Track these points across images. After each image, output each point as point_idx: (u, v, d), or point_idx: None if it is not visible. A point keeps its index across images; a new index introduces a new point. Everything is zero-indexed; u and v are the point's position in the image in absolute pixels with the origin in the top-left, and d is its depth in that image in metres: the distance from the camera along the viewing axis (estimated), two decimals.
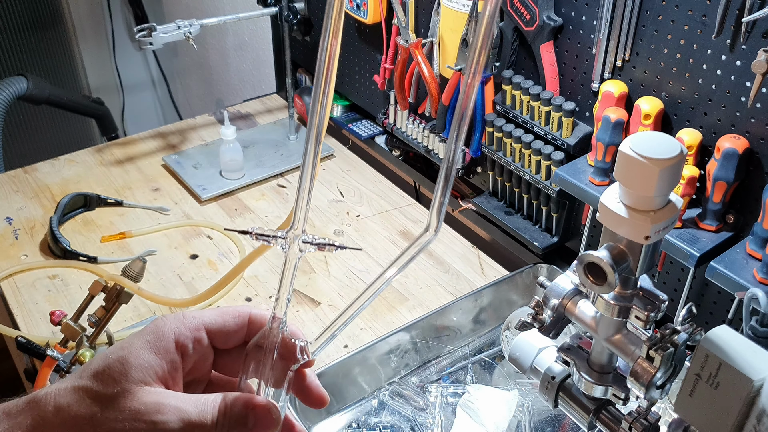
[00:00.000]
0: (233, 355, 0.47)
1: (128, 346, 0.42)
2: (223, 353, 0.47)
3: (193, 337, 0.44)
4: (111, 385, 0.40)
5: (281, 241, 0.46)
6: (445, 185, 0.39)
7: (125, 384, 0.40)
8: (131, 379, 0.40)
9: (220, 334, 0.46)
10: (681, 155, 0.51)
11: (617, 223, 0.54)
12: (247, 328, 0.47)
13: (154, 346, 0.42)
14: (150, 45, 1.31)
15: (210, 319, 0.46)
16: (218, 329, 0.46)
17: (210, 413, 0.42)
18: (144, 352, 0.42)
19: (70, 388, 0.41)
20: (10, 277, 1.19)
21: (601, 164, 0.95)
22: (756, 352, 0.53)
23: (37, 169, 1.48)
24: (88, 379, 0.41)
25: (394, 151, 1.46)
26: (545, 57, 1.03)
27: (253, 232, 0.46)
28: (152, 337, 0.43)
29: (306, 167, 0.44)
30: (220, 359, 0.47)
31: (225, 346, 0.47)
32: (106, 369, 0.41)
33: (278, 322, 0.46)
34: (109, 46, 2.69)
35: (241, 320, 0.47)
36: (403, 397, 1.01)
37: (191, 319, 0.45)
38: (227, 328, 0.46)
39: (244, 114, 1.70)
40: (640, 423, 0.60)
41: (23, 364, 1.18)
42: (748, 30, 0.79)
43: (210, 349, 0.46)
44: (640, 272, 0.55)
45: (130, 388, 0.40)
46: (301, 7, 1.52)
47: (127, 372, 0.41)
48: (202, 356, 0.46)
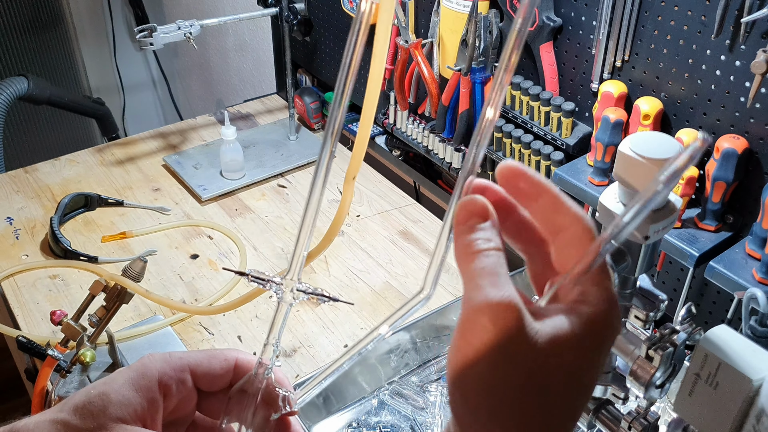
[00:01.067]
0: (218, 397, 0.47)
1: (111, 381, 0.42)
2: (207, 395, 0.47)
3: (178, 378, 0.44)
4: (89, 419, 0.40)
5: (275, 287, 0.46)
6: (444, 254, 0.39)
7: (103, 420, 0.40)
8: (109, 416, 0.40)
9: (206, 377, 0.46)
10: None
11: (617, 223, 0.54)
12: (233, 372, 0.47)
13: (136, 383, 0.42)
14: (150, 45, 1.31)
15: (196, 361, 0.45)
16: (204, 372, 0.45)
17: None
18: (125, 389, 0.42)
19: (49, 421, 0.40)
20: (10, 277, 1.19)
21: (601, 164, 0.95)
22: (755, 351, 0.53)
23: (37, 169, 1.48)
24: (67, 412, 0.41)
25: (394, 151, 1.46)
26: (545, 57, 1.03)
27: (249, 275, 0.46)
28: (136, 375, 0.43)
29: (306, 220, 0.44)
30: (205, 401, 0.47)
31: (210, 388, 0.46)
32: (86, 403, 0.41)
33: (264, 368, 0.46)
34: (110, 47, 2.69)
35: (227, 364, 0.46)
36: (403, 397, 1.01)
37: (177, 360, 0.45)
38: (213, 371, 0.46)
39: (244, 114, 1.70)
40: (640, 422, 0.60)
41: (24, 363, 1.19)
42: (747, 30, 0.80)
43: (194, 390, 0.46)
44: (639, 272, 0.56)
45: (107, 424, 0.40)
46: (301, 7, 1.52)
47: (106, 408, 0.41)
48: (186, 397, 0.45)
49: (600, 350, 0.35)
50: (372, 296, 1.17)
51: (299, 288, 0.46)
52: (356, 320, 1.12)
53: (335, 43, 1.51)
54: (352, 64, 0.40)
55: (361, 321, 1.12)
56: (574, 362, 0.34)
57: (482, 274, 0.35)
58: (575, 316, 0.34)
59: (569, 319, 0.34)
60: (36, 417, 0.41)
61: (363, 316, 1.13)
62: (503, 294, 0.34)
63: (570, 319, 0.34)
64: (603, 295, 0.34)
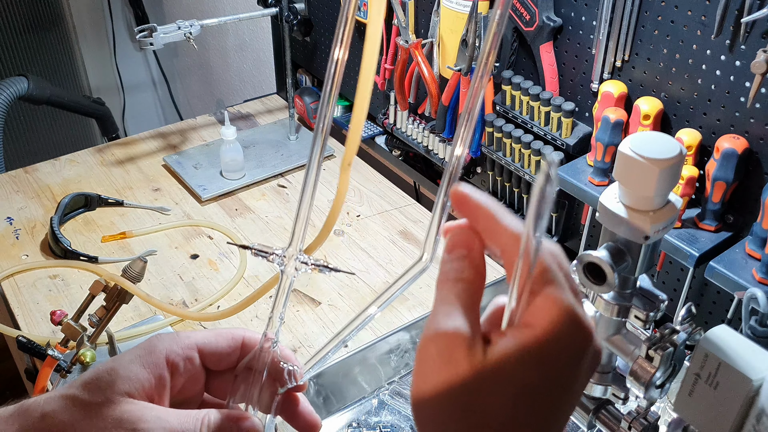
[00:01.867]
0: (226, 377, 0.47)
1: (119, 358, 0.43)
2: (216, 375, 0.47)
3: (185, 356, 0.45)
4: (97, 394, 0.41)
5: (278, 259, 0.46)
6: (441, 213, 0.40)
7: (110, 394, 0.41)
8: (117, 390, 0.41)
9: (213, 355, 0.46)
10: (680, 155, 0.51)
11: (617, 223, 0.54)
12: (241, 350, 0.47)
13: (144, 360, 0.43)
14: (150, 45, 1.31)
15: (203, 340, 0.46)
16: (211, 350, 0.46)
17: (192, 425, 0.42)
18: (133, 365, 0.43)
19: (58, 396, 0.41)
20: (10, 277, 1.19)
21: (601, 164, 0.95)
22: (755, 351, 0.53)
23: (37, 169, 1.49)
24: (76, 388, 0.42)
25: (394, 151, 1.46)
26: (545, 57, 1.03)
27: (253, 248, 0.46)
28: (143, 352, 0.43)
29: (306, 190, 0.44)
30: (213, 381, 0.47)
31: (217, 367, 0.47)
32: (94, 379, 0.42)
33: (269, 342, 0.46)
34: (110, 47, 2.69)
35: (234, 342, 0.47)
36: (403, 397, 1.01)
37: (184, 338, 0.45)
38: (220, 349, 0.46)
39: (244, 114, 1.70)
40: (640, 422, 0.60)
41: (24, 363, 1.19)
42: (747, 30, 0.80)
43: (201, 369, 0.46)
44: (639, 272, 0.56)
45: (115, 398, 0.41)
46: (301, 7, 1.52)
47: (114, 382, 0.41)
48: (193, 376, 0.46)
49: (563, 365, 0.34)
50: (372, 296, 1.17)
51: (301, 260, 0.46)
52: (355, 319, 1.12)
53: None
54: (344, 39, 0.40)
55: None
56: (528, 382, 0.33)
57: (442, 303, 0.36)
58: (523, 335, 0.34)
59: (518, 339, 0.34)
60: (47, 394, 0.42)
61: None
62: (450, 324, 0.35)
63: (518, 339, 0.33)
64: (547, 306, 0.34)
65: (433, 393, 0.34)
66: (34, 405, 0.41)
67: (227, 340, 0.47)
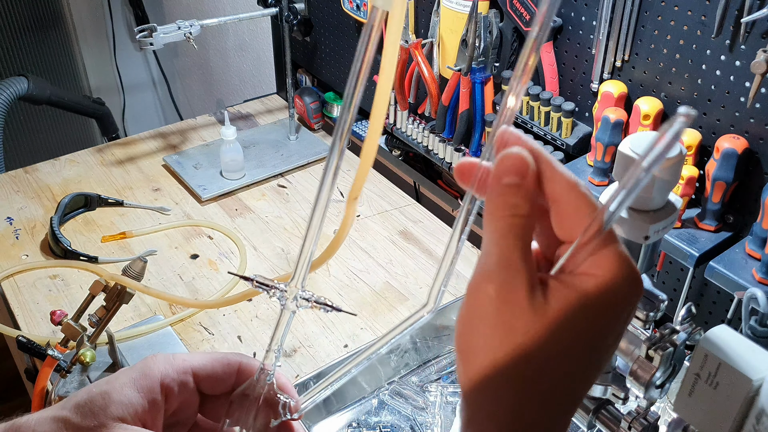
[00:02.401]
0: (221, 400, 0.47)
1: (113, 380, 0.43)
2: (210, 398, 0.47)
3: (180, 380, 0.44)
4: (89, 418, 0.40)
5: (279, 293, 0.46)
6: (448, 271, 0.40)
7: (103, 418, 0.40)
8: (109, 414, 0.41)
9: (208, 380, 0.46)
10: (680, 155, 0.51)
11: (616, 223, 0.54)
12: (236, 376, 0.47)
13: (138, 384, 0.42)
14: (150, 45, 1.31)
15: (199, 364, 0.45)
16: (207, 375, 0.46)
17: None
18: (127, 389, 0.42)
19: (51, 418, 0.41)
20: (10, 277, 1.19)
21: (601, 164, 0.95)
22: (755, 351, 0.53)
23: (37, 169, 1.49)
24: (69, 410, 0.41)
25: (394, 151, 1.46)
26: (545, 57, 1.03)
27: (254, 281, 0.46)
28: (138, 375, 0.43)
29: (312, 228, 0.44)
30: (207, 404, 0.47)
31: (212, 392, 0.47)
32: (87, 401, 0.41)
33: (266, 374, 0.46)
34: (110, 47, 2.69)
35: (230, 368, 0.46)
36: (403, 397, 1.01)
37: (180, 362, 0.45)
38: (216, 374, 0.46)
39: (244, 114, 1.70)
40: (640, 422, 0.60)
41: (24, 363, 1.19)
42: (747, 30, 0.80)
43: (196, 393, 0.46)
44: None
45: (107, 423, 0.40)
46: (301, 7, 1.52)
47: (107, 407, 0.41)
48: (187, 399, 0.46)
49: (617, 315, 0.35)
50: (372, 296, 1.17)
51: (302, 296, 0.46)
52: (356, 320, 1.12)
53: (335, 43, 1.51)
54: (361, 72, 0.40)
55: (361, 321, 1.12)
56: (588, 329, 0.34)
57: (498, 240, 0.35)
58: (586, 283, 0.34)
59: (579, 288, 0.34)
60: (37, 414, 0.41)
61: (363, 316, 1.13)
62: (509, 264, 0.34)
63: (580, 287, 0.34)
64: (612, 259, 0.34)
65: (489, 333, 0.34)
66: (25, 426, 0.40)
67: (223, 365, 0.46)
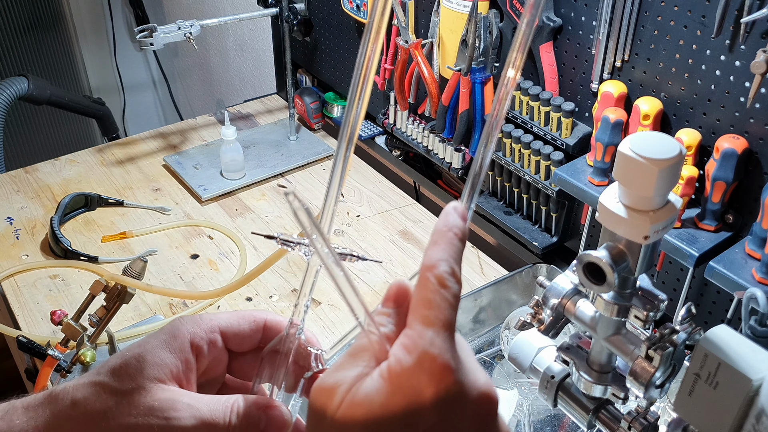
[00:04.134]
0: (248, 359, 0.48)
1: (145, 344, 0.43)
2: (237, 356, 0.48)
3: (208, 339, 0.45)
4: (126, 381, 0.41)
5: (304, 249, 0.46)
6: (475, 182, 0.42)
7: (140, 380, 0.41)
8: (146, 376, 0.41)
9: (235, 338, 0.47)
10: (680, 155, 0.51)
11: (616, 223, 0.54)
12: (263, 333, 0.48)
13: (169, 345, 0.43)
14: (151, 45, 1.31)
15: (226, 322, 0.46)
16: (233, 333, 0.46)
17: (222, 412, 0.42)
18: (160, 350, 0.43)
19: (88, 383, 0.41)
20: (11, 277, 1.19)
21: (601, 164, 0.95)
22: (755, 351, 0.53)
23: (38, 169, 1.49)
24: (105, 375, 0.42)
25: (394, 151, 1.46)
26: (545, 57, 1.03)
27: (279, 238, 0.46)
28: (168, 337, 0.44)
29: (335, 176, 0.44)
30: (235, 362, 0.48)
31: (239, 349, 0.47)
32: (122, 365, 0.42)
33: (295, 328, 0.47)
34: (110, 47, 2.69)
35: (256, 325, 0.47)
36: None
37: (207, 321, 0.46)
38: (242, 332, 0.47)
39: (244, 114, 1.70)
40: (640, 422, 0.60)
41: (24, 363, 1.19)
42: (747, 30, 0.80)
43: (224, 351, 0.47)
44: (639, 272, 0.55)
45: (145, 384, 0.41)
46: (301, 7, 1.52)
47: (143, 369, 0.41)
48: (217, 358, 0.46)
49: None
50: (372, 296, 1.17)
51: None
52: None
53: (335, 43, 1.51)
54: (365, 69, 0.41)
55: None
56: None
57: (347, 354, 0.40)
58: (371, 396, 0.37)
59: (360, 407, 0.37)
60: (74, 380, 0.42)
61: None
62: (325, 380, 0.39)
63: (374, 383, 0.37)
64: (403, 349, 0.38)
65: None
66: (64, 392, 0.41)
67: (249, 322, 0.47)
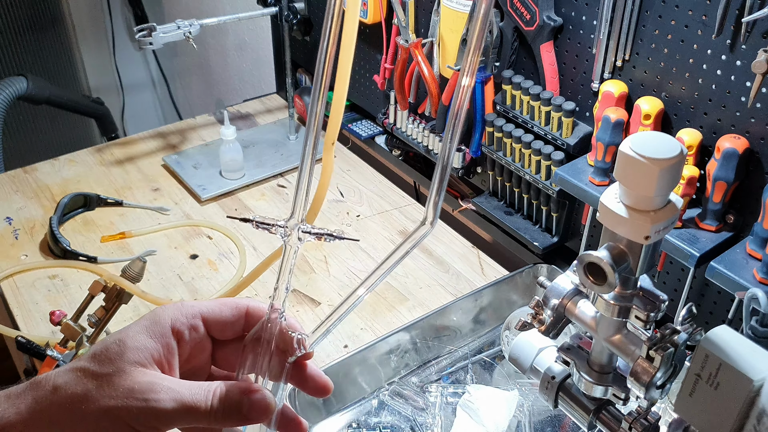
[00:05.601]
0: (232, 348, 0.48)
1: (126, 330, 0.44)
2: (222, 346, 0.48)
3: (190, 324, 0.46)
4: (107, 364, 0.42)
5: (281, 230, 0.46)
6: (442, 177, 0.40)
7: (120, 364, 0.42)
8: (127, 360, 0.42)
9: (217, 324, 0.47)
10: (681, 155, 0.51)
11: (617, 223, 0.54)
12: (245, 320, 0.48)
13: (150, 330, 0.44)
14: (150, 45, 1.31)
15: (207, 309, 0.47)
16: (215, 319, 0.47)
17: (203, 396, 0.43)
18: (140, 335, 0.43)
19: (69, 369, 0.42)
20: (10, 277, 1.19)
21: (601, 164, 0.95)
22: (756, 351, 0.53)
23: (37, 169, 1.48)
24: (86, 360, 0.42)
25: (394, 151, 1.46)
26: (545, 57, 1.03)
27: (254, 221, 0.47)
28: (149, 323, 0.44)
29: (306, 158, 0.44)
30: (219, 352, 0.48)
31: (222, 336, 0.48)
32: (103, 351, 0.43)
33: (277, 312, 0.47)
34: (109, 46, 2.69)
35: (238, 311, 0.48)
36: (403, 397, 1.01)
37: (188, 308, 0.46)
38: (224, 318, 0.47)
39: (244, 114, 1.70)
40: (640, 423, 0.60)
41: (23, 364, 1.19)
42: (748, 30, 0.79)
43: (207, 338, 0.47)
44: (640, 272, 0.55)
45: (125, 367, 0.42)
46: (301, 7, 1.52)
47: (123, 353, 0.42)
48: (199, 345, 0.47)
49: None
50: (372, 296, 1.17)
51: (304, 229, 0.46)
52: (356, 320, 1.12)
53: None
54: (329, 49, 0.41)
55: (360, 321, 1.12)
56: None
57: None
58: None
59: None
60: (56, 369, 0.43)
61: (363, 316, 1.13)
62: None
63: None
64: None
65: None
66: (45, 379, 0.42)
67: (231, 309, 0.47)
